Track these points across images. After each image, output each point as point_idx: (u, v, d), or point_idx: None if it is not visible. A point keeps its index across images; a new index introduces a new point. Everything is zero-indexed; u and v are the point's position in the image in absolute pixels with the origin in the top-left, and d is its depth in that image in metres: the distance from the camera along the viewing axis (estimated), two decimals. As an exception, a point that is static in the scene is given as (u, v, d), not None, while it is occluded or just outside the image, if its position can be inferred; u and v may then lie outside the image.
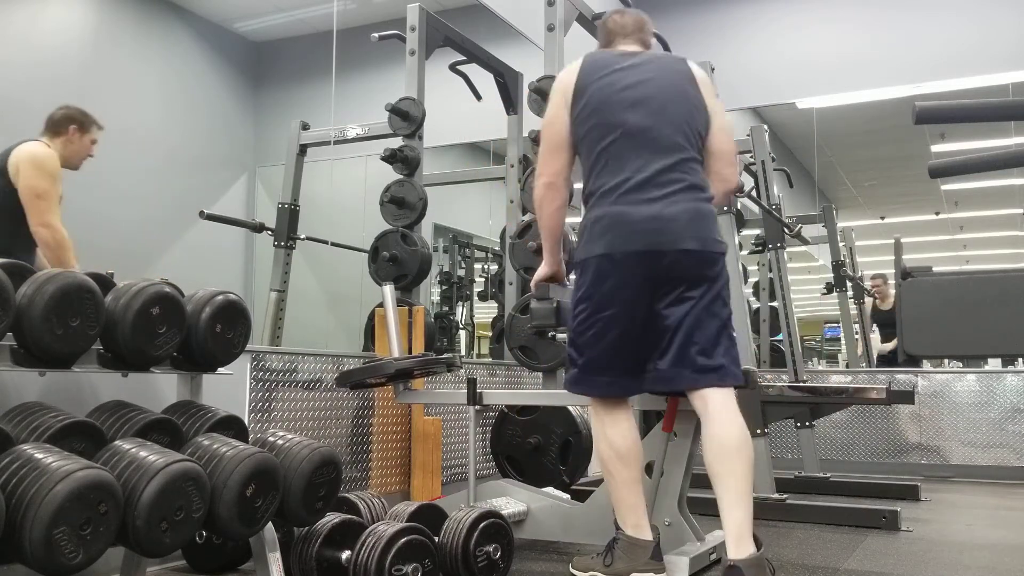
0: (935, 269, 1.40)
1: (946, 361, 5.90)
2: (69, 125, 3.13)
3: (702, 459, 2.30)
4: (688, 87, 2.41)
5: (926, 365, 5.72)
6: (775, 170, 4.76)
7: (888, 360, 6.48)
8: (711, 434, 2.24)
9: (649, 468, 2.58)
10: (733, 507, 2.21)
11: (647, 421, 4.06)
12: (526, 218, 3.84)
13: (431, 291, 5.64)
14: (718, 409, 2.24)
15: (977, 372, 5.35)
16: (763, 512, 3.50)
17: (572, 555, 2.47)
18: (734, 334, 2.33)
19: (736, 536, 2.17)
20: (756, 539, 2.22)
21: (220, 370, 2.23)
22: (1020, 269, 1.32)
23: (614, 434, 2.32)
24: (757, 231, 5.45)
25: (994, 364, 5.71)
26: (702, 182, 2.32)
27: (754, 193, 4.48)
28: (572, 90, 2.39)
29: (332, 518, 2.18)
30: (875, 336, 6.73)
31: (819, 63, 6.11)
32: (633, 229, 2.21)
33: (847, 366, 6.72)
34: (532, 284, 2.68)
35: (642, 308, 2.22)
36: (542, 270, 2.61)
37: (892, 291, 6.46)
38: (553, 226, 2.51)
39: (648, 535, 2.29)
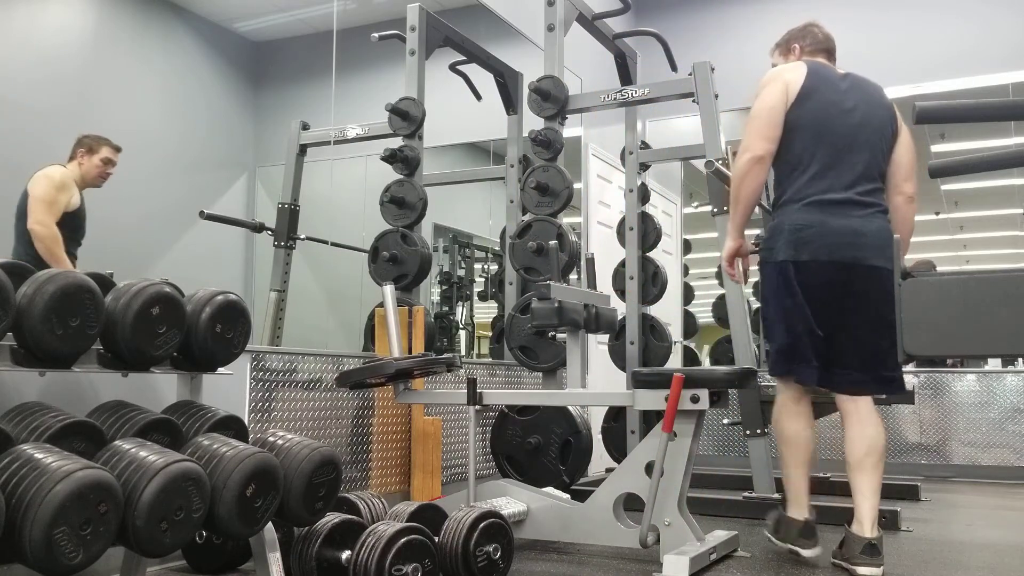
0: (935, 269, 1.40)
1: (946, 361, 5.89)
2: (77, 149, 3.53)
3: (702, 459, 2.33)
4: (890, 118, 2.71)
5: (926, 365, 5.73)
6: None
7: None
8: (866, 434, 2.58)
9: (649, 468, 2.58)
10: (873, 495, 2.54)
11: (647, 421, 4.07)
12: (526, 218, 3.84)
13: (431, 291, 5.63)
14: (871, 412, 2.61)
15: (977, 372, 5.35)
16: (763, 512, 3.50)
17: (572, 555, 2.47)
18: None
19: (873, 519, 2.51)
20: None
21: (220, 370, 2.24)
22: (1020, 269, 1.32)
23: (799, 424, 2.68)
24: (757, 231, 5.45)
25: (994, 364, 5.70)
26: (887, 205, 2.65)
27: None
28: (798, 89, 2.59)
29: (332, 518, 2.18)
30: None
31: (819, 63, 6.10)
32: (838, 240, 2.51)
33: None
34: (724, 260, 2.82)
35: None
36: (730, 245, 2.76)
37: None
38: (751, 202, 2.65)
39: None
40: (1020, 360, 5.88)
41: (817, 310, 2.52)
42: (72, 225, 3.46)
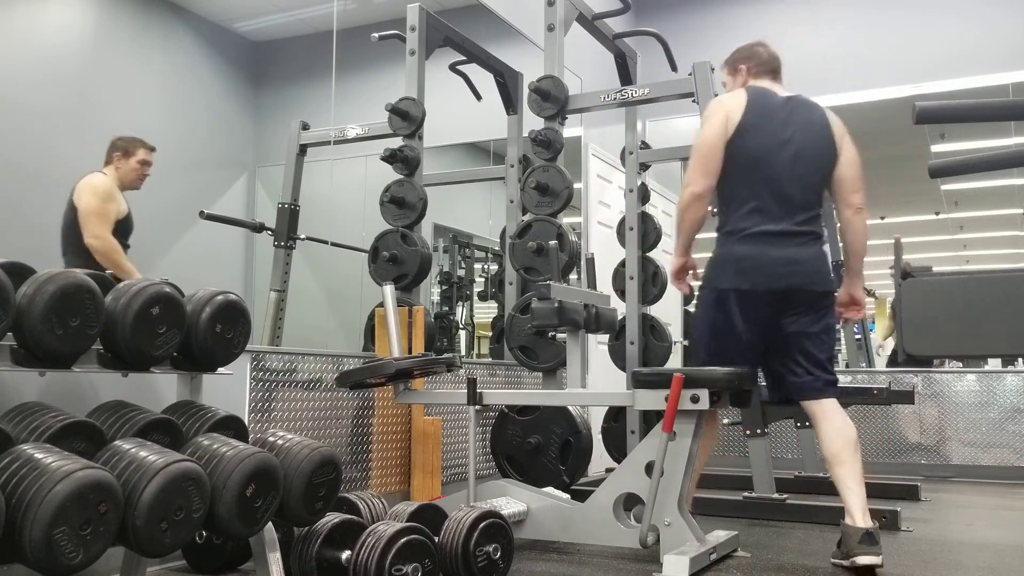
0: (935, 269, 1.40)
1: (946, 361, 5.89)
2: (113, 153, 3.56)
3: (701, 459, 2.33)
4: (828, 144, 2.80)
5: (926, 365, 5.73)
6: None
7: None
8: (836, 427, 2.73)
9: (649, 468, 2.58)
10: (858, 485, 2.60)
11: (647, 421, 4.07)
12: (526, 218, 3.84)
13: (431, 291, 5.63)
14: (836, 408, 2.78)
15: (977, 372, 5.35)
16: (763, 512, 3.51)
17: (572, 555, 2.47)
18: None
19: (863, 508, 2.56)
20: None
21: (220, 370, 2.24)
22: (1020, 269, 1.32)
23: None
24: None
25: (994, 364, 5.70)
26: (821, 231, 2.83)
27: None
28: (738, 122, 2.71)
29: (332, 518, 2.18)
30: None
31: (819, 63, 6.10)
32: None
33: (847, 366, 6.71)
34: (671, 276, 2.98)
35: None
36: (676, 263, 2.93)
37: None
38: (694, 229, 2.84)
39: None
40: (1020, 360, 5.89)
41: (757, 332, 2.73)
42: (123, 231, 3.51)
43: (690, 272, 2.95)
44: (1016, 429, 5.12)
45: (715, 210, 2.89)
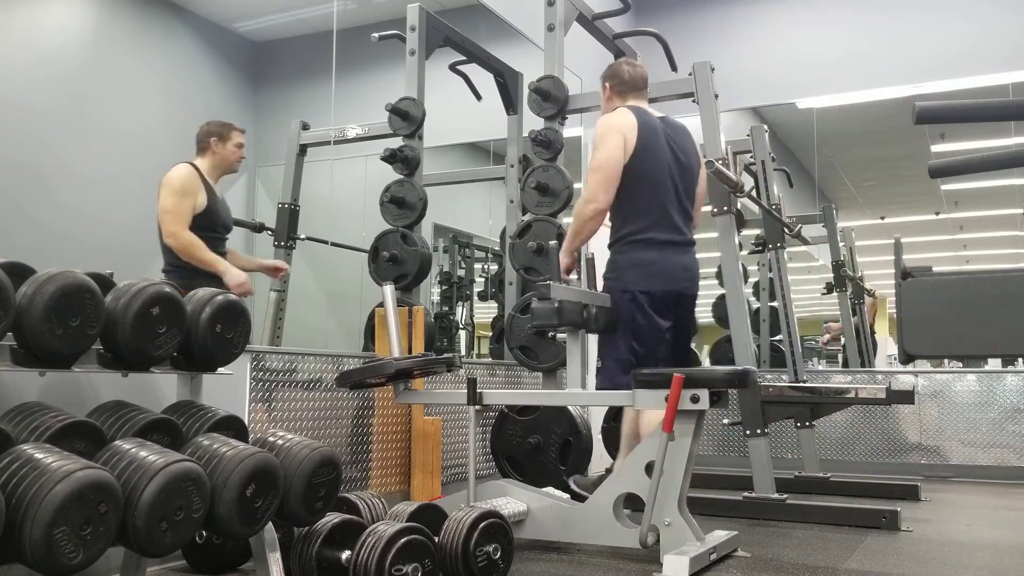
0: (935, 269, 1.39)
1: (946, 361, 5.90)
2: (209, 139, 3.50)
3: (702, 459, 2.34)
4: (698, 166, 3.21)
5: (926, 365, 5.73)
6: (775, 170, 4.76)
7: None
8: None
9: (649, 468, 2.58)
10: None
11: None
12: (526, 218, 3.84)
13: (431, 291, 5.64)
14: None
15: (977, 372, 5.35)
16: (763, 512, 3.51)
17: (572, 555, 2.47)
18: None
19: None
20: None
21: (220, 370, 2.23)
22: (1020, 269, 1.32)
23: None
24: (757, 231, 5.45)
25: (994, 364, 5.70)
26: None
27: (754, 193, 4.48)
28: (635, 142, 2.98)
29: (332, 518, 2.18)
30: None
31: (819, 63, 6.10)
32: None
33: (846, 366, 6.72)
34: (562, 274, 3.12)
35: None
36: (566, 262, 3.13)
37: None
38: (588, 238, 3.12)
39: None
40: (1020, 360, 5.89)
41: (668, 328, 3.04)
42: (206, 224, 3.40)
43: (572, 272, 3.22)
44: (1016, 429, 5.12)
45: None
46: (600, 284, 3.46)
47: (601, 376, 3.06)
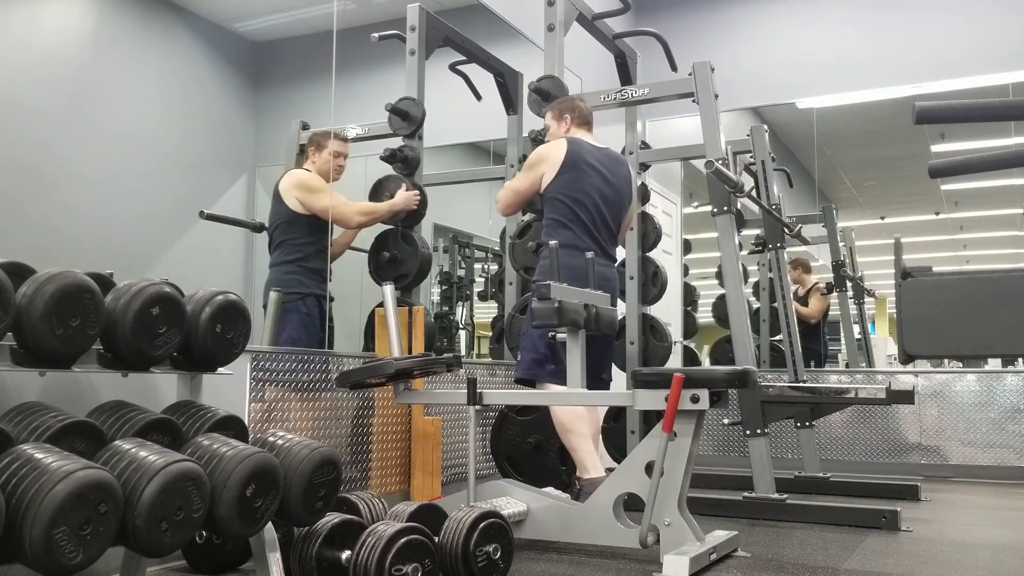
0: (935, 269, 1.39)
1: (946, 361, 5.90)
2: (308, 148, 3.78)
3: (702, 459, 2.34)
4: (629, 194, 3.59)
5: (926, 365, 5.72)
6: (775, 170, 4.76)
7: None
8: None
9: (649, 468, 2.58)
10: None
11: (647, 421, 4.07)
12: (526, 218, 3.84)
13: (431, 291, 5.63)
14: None
15: (977, 372, 5.35)
16: (763, 512, 3.51)
17: (572, 555, 2.47)
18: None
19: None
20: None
21: (220, 370, 2.23)
22: (1020, 269, 1.32)
23: None
24: (757, 231, 5.45)
25: (994, 364, 5.70)
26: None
27: (754, 193, 4.48)
28: (559, 166, 3.36)
29: (332, 518, 2.18)
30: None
31: (819, 63, 6.10)
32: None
33: (847, 366, 6.72)
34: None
35: None
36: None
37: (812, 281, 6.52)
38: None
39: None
40: (1020, 360, 5.89)
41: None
42: (324, 226, 3.66)
43: None
44: (1016, 429, 5.12)
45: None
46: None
47: (519, 368, 3.39)
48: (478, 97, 4.52)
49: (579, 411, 3.25)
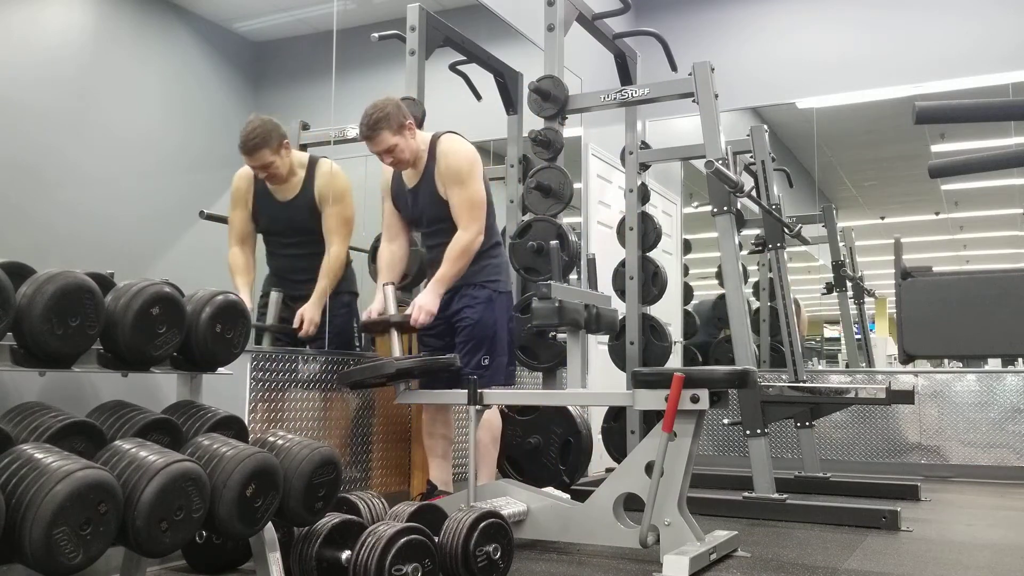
0: (935, 269, 1.39)
1: (946, 361, 5.90)
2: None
3: (702, 459, 2.34)
4: None
5: (926, 365, 5.72)
6: (775, 170, 4.76)
7: None
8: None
9: (649, 468, 2.58)
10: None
11: (647, 421, 4.07)
12: (526, 218, 3.84)
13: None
14: None
15: (977, 372, 5.35)
16: (763, 512, 3.51)
17: (572, 555, 2.47)
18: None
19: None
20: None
21: (220, 370, 2.23)
22: (1020, 269, 1.32)
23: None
24: (757, 231, 5.45)
25: (994, 364, 5.70)
26: None
27: (754, 193, 4.48)
28: None
29: (332, 518, 2.18)
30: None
31: (819, 63, 6.10)
32: None
33: (847, 366, 6.72)
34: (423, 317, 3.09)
35: None
36: (435, 302, 3.08)
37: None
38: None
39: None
40: (1020, 360, 5.89)
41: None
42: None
43: None
44: (1016, 429, 5.12)
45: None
46: (600, 285, 3.46)
47: (488, 377, 3.05)
48: (478, 97, 4.52)
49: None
